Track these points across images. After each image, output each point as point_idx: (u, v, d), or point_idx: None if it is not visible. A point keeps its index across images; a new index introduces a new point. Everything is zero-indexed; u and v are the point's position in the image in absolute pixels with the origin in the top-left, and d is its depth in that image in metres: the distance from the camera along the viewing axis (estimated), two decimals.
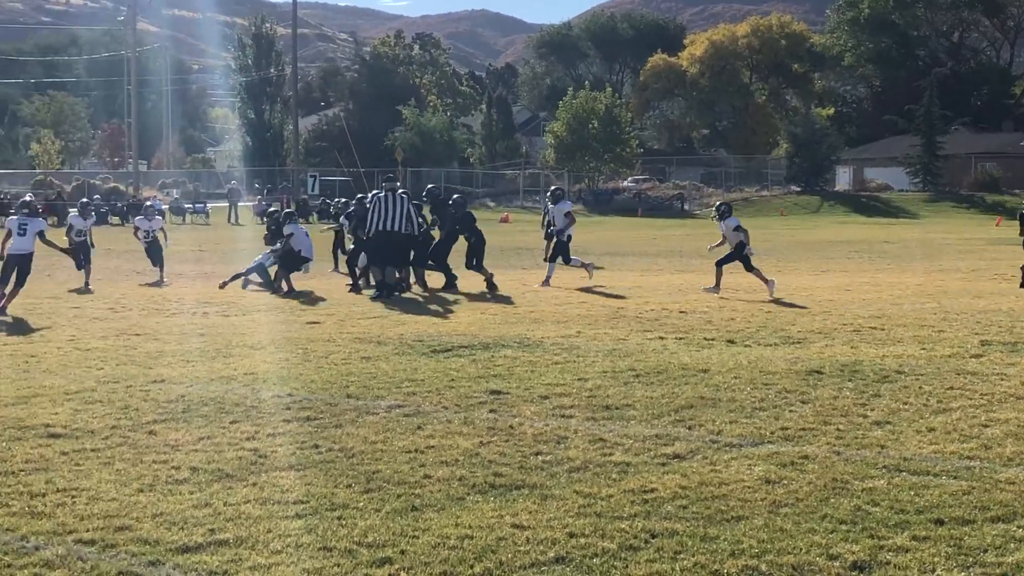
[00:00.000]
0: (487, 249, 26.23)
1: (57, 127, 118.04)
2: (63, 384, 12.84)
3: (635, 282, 25.68)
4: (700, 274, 28.15)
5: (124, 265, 30.50)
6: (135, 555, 7.03)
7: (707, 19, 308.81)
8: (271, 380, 13.15)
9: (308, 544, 7.22)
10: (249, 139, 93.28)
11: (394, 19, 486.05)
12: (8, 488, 8.49)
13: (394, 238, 22.42)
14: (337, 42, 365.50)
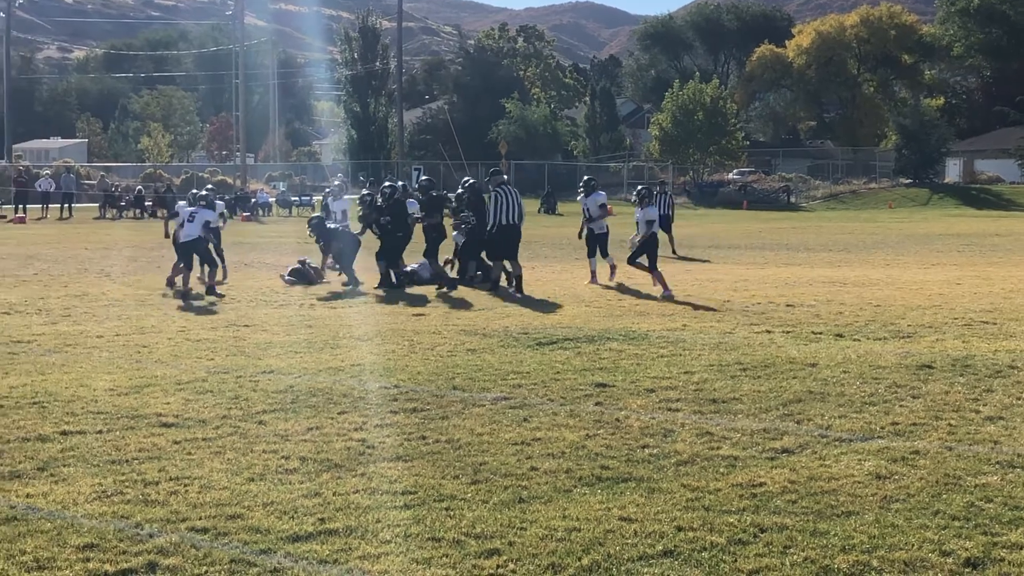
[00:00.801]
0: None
1: (166, 121, 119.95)
2: (175, 374, 13.06)
3: (741, 275, 25.48)
4: (808, 267, 27.87)
5: (232, 258, 30.88)
6: (247, 543, 7.13)
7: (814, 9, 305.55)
8: (378, 371, 13.27)
9: (416, 534, 7.28)
10: (354, 132, 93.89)
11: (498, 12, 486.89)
12: (123, 476, 8.66)
13: (513, 231, 22.40)
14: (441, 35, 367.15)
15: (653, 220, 22.49)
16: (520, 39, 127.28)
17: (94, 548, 7.01)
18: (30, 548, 7.00)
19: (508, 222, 22.39)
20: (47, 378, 12.73)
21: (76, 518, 7.60)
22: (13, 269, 25.76)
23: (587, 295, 21.18)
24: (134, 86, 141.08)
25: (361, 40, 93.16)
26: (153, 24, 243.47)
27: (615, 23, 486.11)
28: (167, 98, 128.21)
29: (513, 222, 22.46)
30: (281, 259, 29.40)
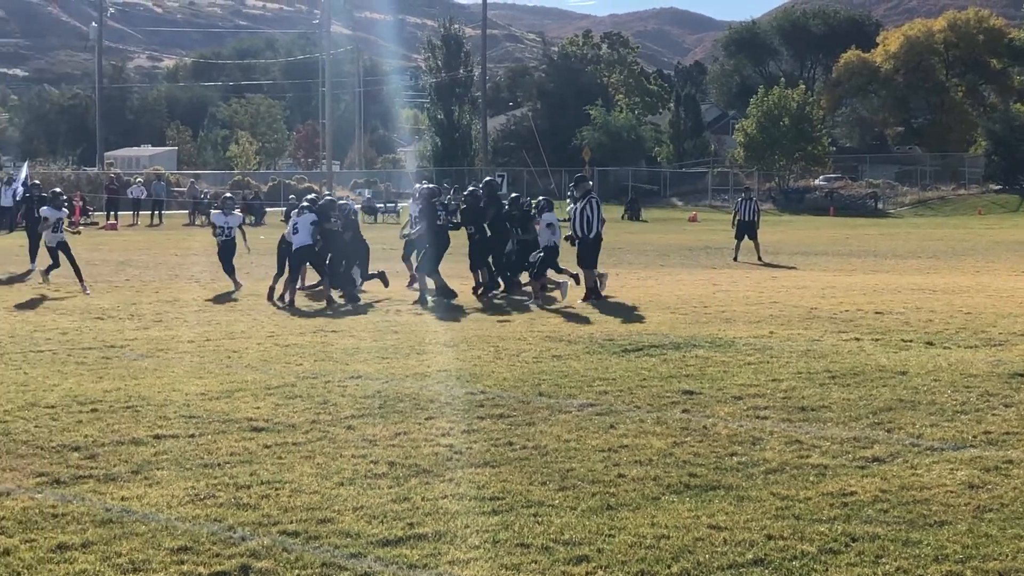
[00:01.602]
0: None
1: (254, 129, 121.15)
2: (264, 379, 13.19)
3: (828, 282, 25.25)
4: (897, 274, 27.56)
5: None
6: (337, 547, 7.19)
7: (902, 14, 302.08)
8: (464, 377, 13.31)
9: (505, 540, 7.29)
10: (438, 139, 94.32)
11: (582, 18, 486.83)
12: (215, 480, 8.76)
13: (599, 242, 22.14)
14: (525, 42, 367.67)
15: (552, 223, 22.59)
16: (604, 45, 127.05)
17: (188, 551, 7.10)
18: (125, 550, 7.10)
19: (596, 232, 21.90)
20: (140, 382, 12.91)
21: (170, 521, 7.71)
22: (106, 275, 26.15)
23: (672, 302, 21.09)
24: (222, 94, 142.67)
25: (445, 48, 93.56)
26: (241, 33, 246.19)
27: (699, 29, 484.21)
28: (255, 106, 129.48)
29: (599, 232, 22.08)
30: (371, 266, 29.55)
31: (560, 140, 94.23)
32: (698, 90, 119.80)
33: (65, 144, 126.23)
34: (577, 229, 21.91)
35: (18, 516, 7.79)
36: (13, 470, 9.01)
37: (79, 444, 9.87)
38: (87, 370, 13.78)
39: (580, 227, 21.87)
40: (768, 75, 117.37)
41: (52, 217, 23.90)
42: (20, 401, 11.72)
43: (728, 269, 29.55)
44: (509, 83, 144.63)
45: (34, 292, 22.81)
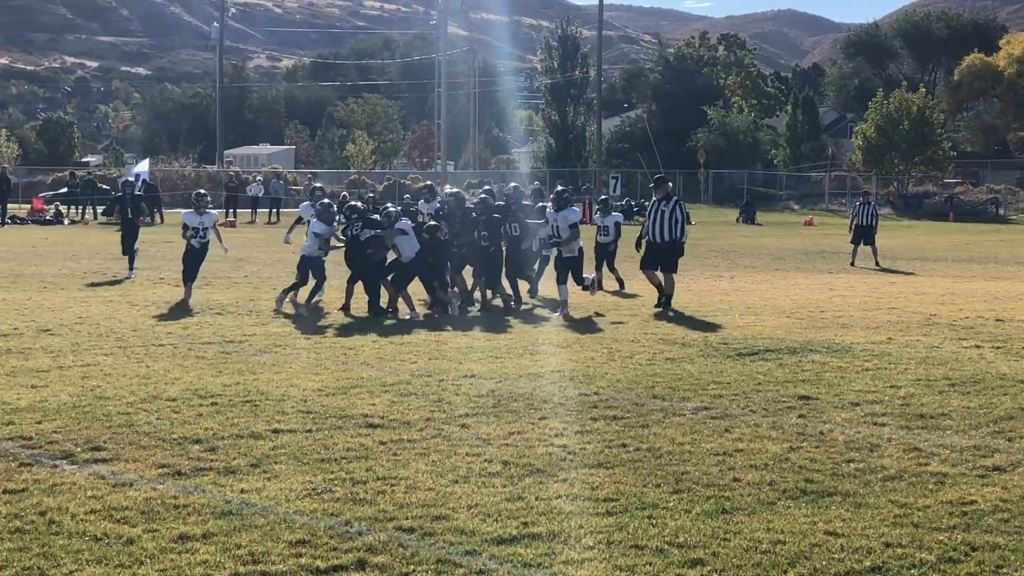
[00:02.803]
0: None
1: (370, 128, 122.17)
2: (380, 376, 13.32)
3: (948, 288, 24.84)
4: (1019, 282, 27.03)
5: None
6: (452, 544, 7.24)
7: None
8: (578, 378, 13.32)
9: (619, 542, 7.29)
10: (552, 140, 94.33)
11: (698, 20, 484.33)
12: (332, 474, 8.87)
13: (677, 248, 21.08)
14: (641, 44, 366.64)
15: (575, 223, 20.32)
16: (721, 47, 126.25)
17: (306, 544, 7.20)
18: (245, 542, 7.22)
19: (671, 238, 20.61)
20: (258, 377, 13.11)
21: (288, 514, 7.82)
22: (225, 271, 26.55)
23: (787, 306, 20.90)
24: (340, 94, 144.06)
25: (561, 49, 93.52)
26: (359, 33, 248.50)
27: (817, 31, 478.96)
28: (371, 106, 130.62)
29: (668, 238, 20.61)
30: None
31: (675, 142, 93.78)
32: (816, 93, 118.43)
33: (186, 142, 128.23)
34: (664, 233, 20.57)
35: (141, 506, 7.95)
36: (136, 461, 9.20)
37: (200, 437, 10.05)
38: (207, 364, 14.02)
39: (669, 230, 20.54)
40: (888, 78, 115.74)
41: (191, 223, 21.18)
42: (142, 394, 11.97)
43: (845, 274, 29.20)
44: (624, 85, 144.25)
45: (154, 287, 23.23)
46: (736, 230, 55.05)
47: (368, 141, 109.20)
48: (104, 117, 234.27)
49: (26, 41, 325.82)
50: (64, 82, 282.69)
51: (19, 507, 7.91)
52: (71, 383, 12.58)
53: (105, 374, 13.18)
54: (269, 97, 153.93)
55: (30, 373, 13.16)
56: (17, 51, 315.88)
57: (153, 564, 6.83)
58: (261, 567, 6.80)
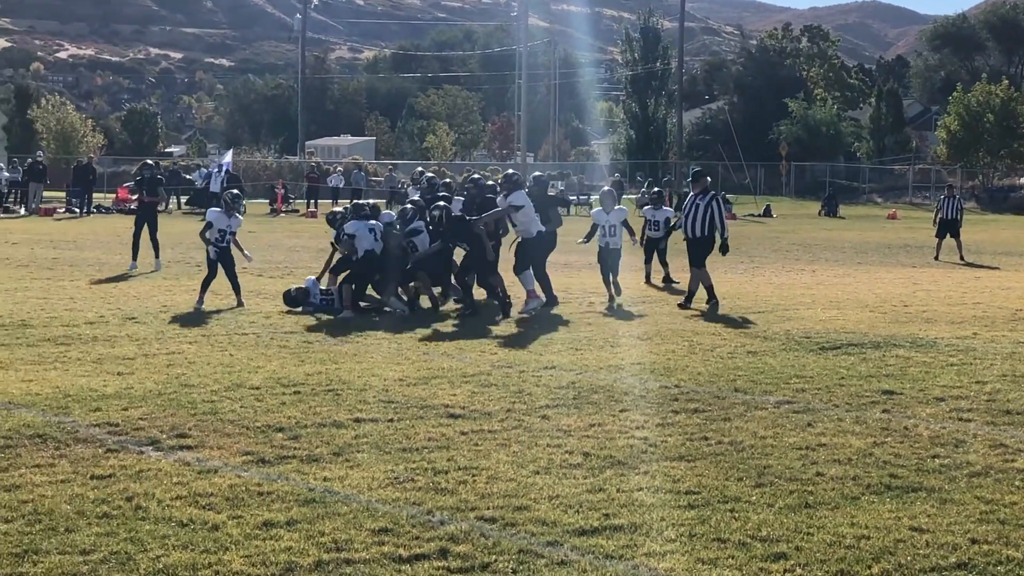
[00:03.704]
0: None
1: (450, 120, 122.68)
2: (460, 367, 13.37)
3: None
4: None
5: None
6: (534, 535, 7.25)
7: None
8: (658, 371, 13.28)
9: (701, 535, 7.27)
10: (632, 132, 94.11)
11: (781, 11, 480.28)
12: (413, 464, 8.91)
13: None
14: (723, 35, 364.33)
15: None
16: (804, 39, 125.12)
17: (388, 532, 7.24)
18: (328, 529, 7.28)
19: (703, 234, 19.86)
20: (340, 367, 13.21)
21: (371, 502, 7.87)
22: (306, 261, 26.77)
23: (871, 300, 20.70)
24: (420, 85, 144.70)
25: (642, 40, 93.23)
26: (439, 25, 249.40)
27: (902, 22, 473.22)
28: (452, 97, 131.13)
29: (700, 235, 19.92)
30: (563, 258, 29.67)
31: (756, 134, 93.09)
32: (900, 85, 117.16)
33: (268, 133, 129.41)
34: (697, 228, 19.88)
35: (226, 493, 8.05)
36: (221, 448, 9.31)
37: (283, 425, 10.15)
38: (289, 353, 14.15)
39: (701, 226, 19.85)
40: (974, 70, 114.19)
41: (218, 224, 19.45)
42: (226, 382, 12.10)
43: (929, 268, 28.87)
44: (705, 76, 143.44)
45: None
46: (818, 223, 54.60)
47: (448, 132, 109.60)
48: (187, 108, 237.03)
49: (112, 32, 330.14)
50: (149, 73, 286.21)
51: (106, 492, 8.02)
52: (156, 371, 12.75)
53: (189, 362, 13.35)
54: (350, 88, 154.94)
55: (116, 361, 13.35)
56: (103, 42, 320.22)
57: (238, 550, 6.90)
58: (344, 555, 6.85)
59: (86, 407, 10.75)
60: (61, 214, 48.87)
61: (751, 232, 46.24)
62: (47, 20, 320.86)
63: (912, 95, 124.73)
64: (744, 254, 32.57)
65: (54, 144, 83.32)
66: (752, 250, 34.47)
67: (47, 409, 10.65)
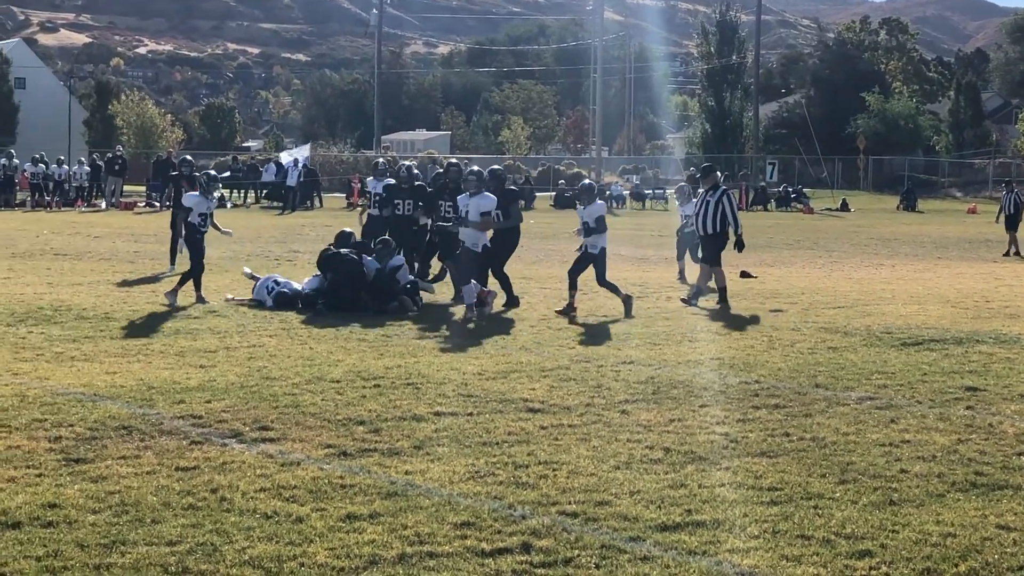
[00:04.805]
0: None
1: (525, 114, 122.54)
2: (538, 361, 13.37)
3: None
4: None
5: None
6: (616, 530, 7.23)
7: None
8: (738, 366, 13.21)
9: (785, 531, 7.21)
10: (708, 126, 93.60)
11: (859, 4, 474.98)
12: (494, 458, 8.92)
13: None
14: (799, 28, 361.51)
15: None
16: (882, 32, 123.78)
17: (470, 526, 7.26)
18: (411, 523, 7.30)
19: (715, 231, 19.46)
20: (419, 360, 13.26)
21: (452, 496, 7.89)
22: None
23: (952, 295, 20.45)
24: (495, 80, 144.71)
25: (718, 34, 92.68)
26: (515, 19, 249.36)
27: (981, 15, 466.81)
28: (526, 92, 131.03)
29: (711, 231, 19.51)
30: (639, 251, 29.63)
31: (833, 128, 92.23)
32: (979, 78, 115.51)
33: (344, 127, 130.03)
34: (708, 225, 19.46)
35: (308, 485, 8.09)
36: (303, 441, 9.37)
37: (364, 418, 10.20)
38: (368, 347, 14.21)
39: (712, 222, 19.41)
40: None
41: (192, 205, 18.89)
42: (307, 375, 12.18)
43: (1010, 263, 28.50)
44: (782, 70, 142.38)
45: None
46: (897, 217, 54.06)
47: (523, 127, 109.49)
48: (265, 103, 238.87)
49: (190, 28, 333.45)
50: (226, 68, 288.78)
51: (191, 484, 8.10)
52: (238, 364, 12.86)
53: (270, 355, 13.45)
54: (425, 83, 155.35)
55: (199, 353, 13.48)
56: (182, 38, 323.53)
57: (322, 542, 6.94)
58: (427, 547, 6.87)
59: (170, 399, 10.87)
60: (141, 208, 49.42)
61: (829, 227, 45.88)
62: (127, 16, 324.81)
63: (992, 88, 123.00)
64: (822, 248, 32.35)
65: (134, 139, 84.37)
66: (830, 245, 34.21)
67: (132, 401, 10.77)
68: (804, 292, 20.97)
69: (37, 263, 24.05)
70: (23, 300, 17.79)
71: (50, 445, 9.07)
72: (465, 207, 17.75)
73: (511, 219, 18.87)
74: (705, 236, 19.67)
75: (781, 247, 32.82)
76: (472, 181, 17.91)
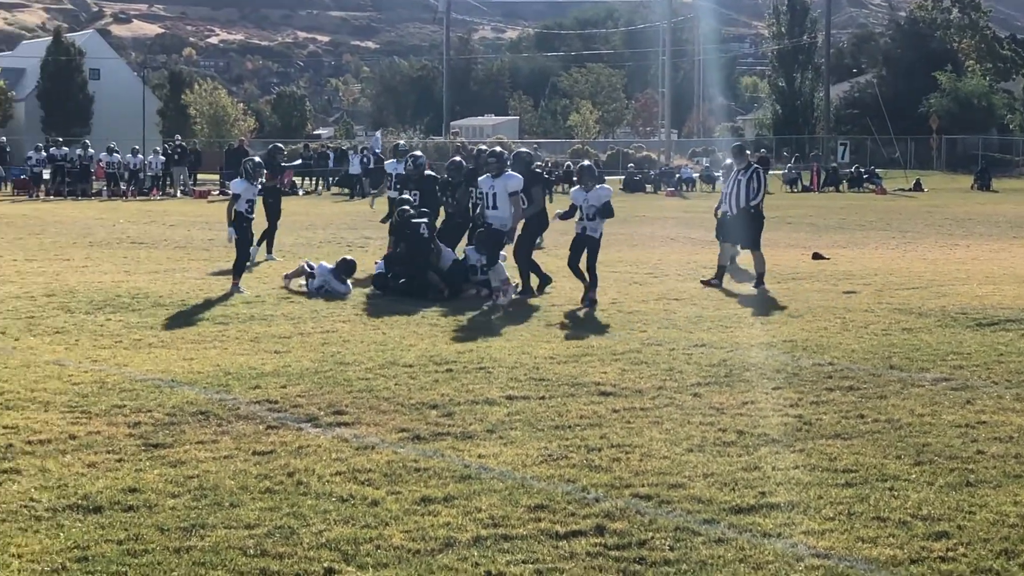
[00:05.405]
0: None
1: (594, 98, 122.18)
2: (610, 344, 13.36)
3: None
4: None
5: (659, 231, 31.26)
6: (689, 512, 7.23)
7: None
8: (811, 348, 13.13)
9: (860, 513, 7.18)
10: (778, 107, 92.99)
11: None
12: (566, 441, 8.94)
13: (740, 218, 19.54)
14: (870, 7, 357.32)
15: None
16: (955, 10, 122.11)
17: (544, 509, 7.28)
18: (485, 506, 7.34)
19: (741, 206, 19.09)
20: (491, 344, 13.29)
21: (526, 479, 7.92)
22: None
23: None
24: (563, 64, 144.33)
25: (789, 14, 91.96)
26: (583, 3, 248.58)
27: None
28: (595, 75, 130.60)
29: (735, 209, 19.17)
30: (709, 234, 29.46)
31: (906, 107, 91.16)
32: None
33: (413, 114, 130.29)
34: (742, 201, 19.03)
35: (383, 469, 8.15)
36: (377, 425, 9.44)
37: (437, 402, 10.25)
38: (440, 331, 14.28)
39: (746, 199, 19.01)
40: None
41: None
42: (381, 360, 12.25)
43: None
44: (853, 49, 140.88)
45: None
46: (971, 197, 53.40)
47: (592, 111, 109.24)
48: (334, 91, 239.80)
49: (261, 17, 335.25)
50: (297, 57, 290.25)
51: (268, 468, 8.19)
52: (312, 349, 12.96)
53: (344, 340, 13.54)
54: (494, 68, 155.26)
55: (273, 339, 13.60)
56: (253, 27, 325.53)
57: (398, 525, 6.99)
58: (502, 530, 6.90)
59: (246, 384, 10.98)
60: (215, 196, 49.84)
61: (902, 207, 45.42)
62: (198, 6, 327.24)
63: None
64: (896, 229, 32.04)
65: (207, 128, 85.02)
66: (904, 225, 33.87)
67: (208, 386, 10.90)
68: (877, 273, 20.78)
69: (114, 251, 24.37)
70: (101, 288, 18.03)
71: (129, 431, 9.21)
72: (490, 188, 17.42)
73: (534, 204, 18.33)
74: (737, 215, 19.26)
75: (854, 228, 32.51)
76: (493, 163, 17.61)
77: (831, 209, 42.98)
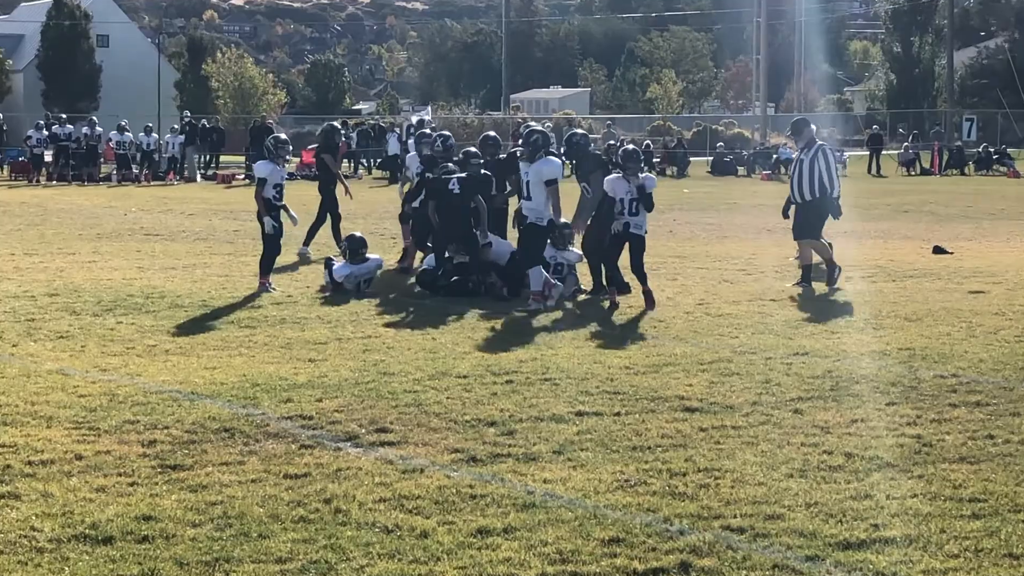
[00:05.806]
0: None
1: (677, 66, 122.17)
2: (695, 353, 13.34)
3: None
4: None
5: (753, 221, 31.15)
6: (790, 548, 7.21)
7: None
8: (931, 357, 13.05)
9: (990, 549, 7.14)
10: (893, 77, 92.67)
11: None
12: (646, 464, 8.94)
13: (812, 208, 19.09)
14: None
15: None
16: None
17: (620, 543, 7.28)
18: (551, 539, 7.35)
19: (812, 196, 18.66)
20: (557, 352, 13.31)
21: (598, 508, 7.93)
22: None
23: None
24: (642, 27, 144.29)
25: None
26: None
27: None
28: (678, 40, 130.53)
29: (810, 197, 18.71)
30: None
31: None
32: None
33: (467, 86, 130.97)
34: (805, 190, 18.66)
35: (434, 495, 8.19)
36: (427, 445, 9.48)
37: (495, 419, 10.28)
38: (499, 337, 14.32)
39: (809, 186, 18.63)
40: None
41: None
42: (430, 370, 12.30)
43: None
44: (981, 9, 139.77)
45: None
46: None
47: (675, 81, 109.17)
48: (377, 59, 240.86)
49: None
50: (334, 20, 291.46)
51: (302, 494, 8.24)
52: (351, 357, 13.03)
53: (388, 347, 13.60)
54: (561, 33, 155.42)
55: (307, 345, 13.69)
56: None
57: (451, 560, 7.03)
58: (571, 567, 6.92)
59: (276, 397, 11.06)
60: (240, 181, 50.10)
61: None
62: None
63: None
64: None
65: (231, 103, 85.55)
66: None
67: (233, 400, 10.99)
68: (1009, 270, 20.62)
69: (125, 244, 24.63)
70: (111, 287, 18.22)
71: (143, 450, 9.30)
72: (526, 175, 17.14)
73: (595, 194, 18.08)
74: (803, 204, 18.85)
75: (981, 217, 32.29)
76: (526, 146, 17.36)
77: (955, 195, 42.71)
